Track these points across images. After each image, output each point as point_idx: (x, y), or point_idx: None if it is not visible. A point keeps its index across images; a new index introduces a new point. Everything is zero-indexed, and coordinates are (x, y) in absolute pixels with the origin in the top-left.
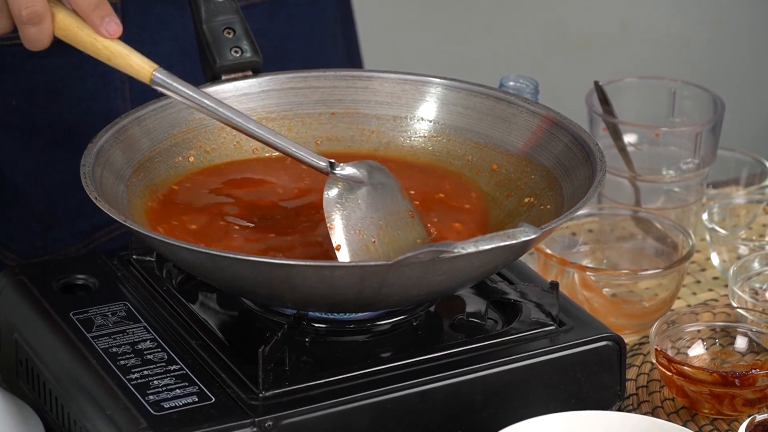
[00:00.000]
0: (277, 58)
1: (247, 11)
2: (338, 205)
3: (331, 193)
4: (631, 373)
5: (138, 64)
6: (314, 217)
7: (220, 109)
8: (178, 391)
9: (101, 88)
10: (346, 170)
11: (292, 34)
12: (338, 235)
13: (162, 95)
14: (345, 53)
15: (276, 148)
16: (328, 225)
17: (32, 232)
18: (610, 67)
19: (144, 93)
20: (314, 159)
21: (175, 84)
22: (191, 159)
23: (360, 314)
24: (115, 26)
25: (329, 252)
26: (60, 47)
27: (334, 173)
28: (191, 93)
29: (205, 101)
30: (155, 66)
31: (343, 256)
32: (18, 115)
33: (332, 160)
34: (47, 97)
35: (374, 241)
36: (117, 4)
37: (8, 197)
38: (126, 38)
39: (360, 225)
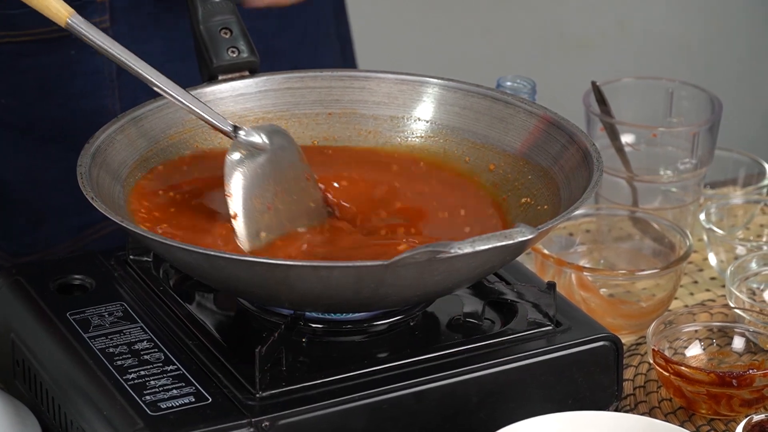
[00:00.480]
0: (270, 57)
1: (240, 9)
2: (238, 172)
3: (233, 157)
4: (628, 374)
5: (55, 8)
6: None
7: (131, 61)
8: (174, 391)
9: (91, 85)
10: (250, 136)
11: (285, 33)
12: (236, 204)
13: (157, 95)
14: (339, 52)
15: (184, 107)
16: (226, 193)
17: (21, 229)
18: (607, 68)
19: (133, 90)
20: (219, 122)
21: (89, 30)
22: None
23: (357, 314)
24: None
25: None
26: (49, 45)
27: (238, 138)
28: (103, 41)
29: (116, 51)
30: (72, 11)
31: (239, 224)
32: (7, 112)
33: (236, 124)
34: (37, 94)
35: (269, 208)
36: (105, 3)
37: None
38: (116, 36)
39: (257, 192)
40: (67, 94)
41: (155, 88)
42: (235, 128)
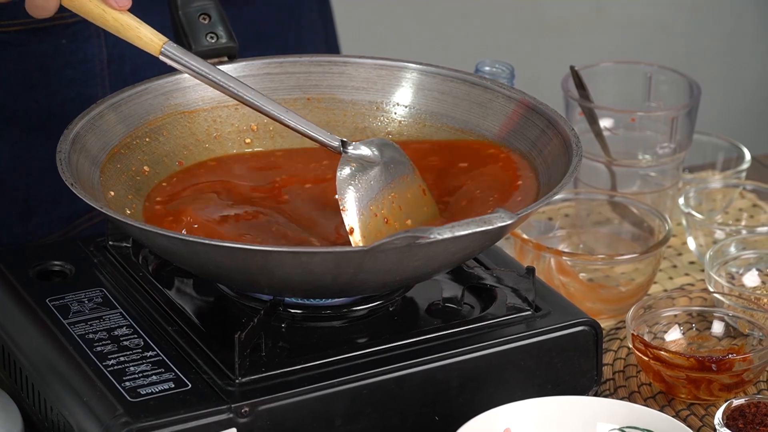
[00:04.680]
0: (253, 44)
1: None
2: (351, 186)
3: (344, 173)
4: (607, 358)
5: (148, 37)
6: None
7: (231, 85)
8: (154, 377)
9: (80, 75)
10: (359, 149)
11: (268, 20)
12: (351, 217)
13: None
14: (323, 39)
15: (288, 126)
16: (341, 207)
17: (12, 219)
18: (586, 52)
19: (124, 80)
20: (327, 138)
21: (185, 58)
22: (166, 147)
23: (336, 300)
24: None
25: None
26: (39, 34)
27: (347, 152)
28: (201, 67)
29: (216, 76)
30: (165, 39)
31: (356, 238)
32: None
33: (344, 139)
34: (26, 84)
35: (387, 222)
36: None
37: None
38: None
39: (374, 205)
40: (57, 83)
41: (262, 113)
42: (343, 143)
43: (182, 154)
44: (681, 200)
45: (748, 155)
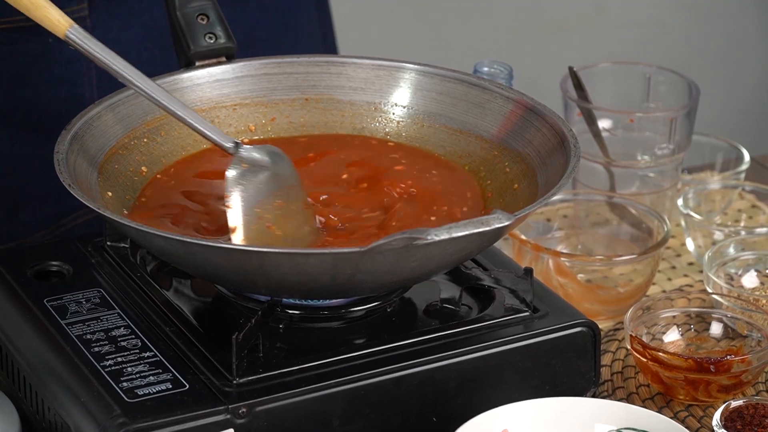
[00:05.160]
0: (250, 45)
1: None
2: (240, 186)
3: (234, 172)
4: (605, 359)
5: (56, 18)
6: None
7: (131, 75)
8: (151, 378)
9: (67, 74)
10: (251, 153)
11: (264, 20)
12: (235, 216)
13: None
14: (321, 39)
15: (184, 122)
16: (226, 204)
17: None
18: (585, 52)
19: (112, 79)
20: (220, 138)
21: (88, 43)
22: (164, 147)
23: (334, 301)
24: None
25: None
26: (27, 33)
27: (239, 154)
28: (104, 54)
29: (116, 63)
30: (72, 22)
31: (237, 238)
32: None
33: (238, 141)
34: (13, 83)
35: (270, 227)
36: None
37: None
38: (94, 26)
39: (259, 208)
40: (44, 82)
41: (156, 104)
42: (236, 145)
43: (180, 155)
44: (680, 201)
45: (747, 156)
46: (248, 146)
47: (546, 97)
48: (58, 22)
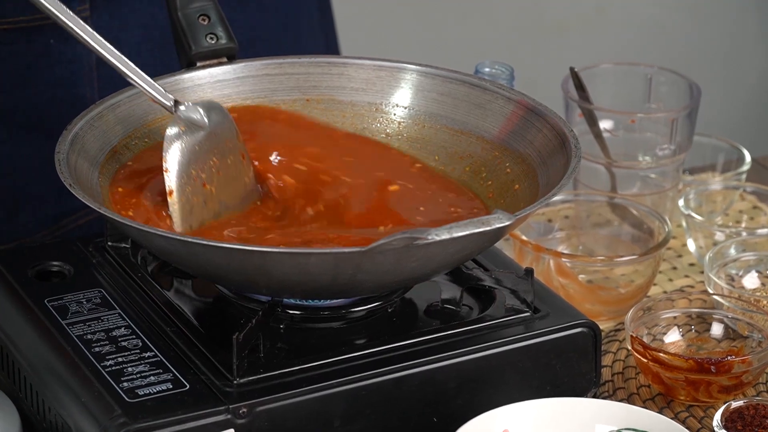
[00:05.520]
0: (251, 46)
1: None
2: (176, 147)
3: (172, 132)
4: (606, 360)
5: None
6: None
7: (64, 18)
8: (152, 378)
9: (69, 75)
10: (189, 112)
11: (266, 21)
12: (172, 180)
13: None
14: (323, 40)
15: (125, 76)
16: (164, 167)
17: None
18: (586, 53)
19: (112, 80)
20: (160, 95)
21: None
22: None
23: (334, 301)
24: None
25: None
26: (28, 33)
27: (177, 113)
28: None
29: (58, 13)
30: None
31: (173, 202)
32: None
33: (177, 99)
34: (14, 83)
35: (204, 185)
36: None
37: None
38: (95, 26)
39: (194, 169)
40: (45, 82)
41: (97, 53)
42: (176, 103)
43: None
44: (681, 202)
45: (748, 157)
46: (187, 104)
47: (546, 98)
48: None
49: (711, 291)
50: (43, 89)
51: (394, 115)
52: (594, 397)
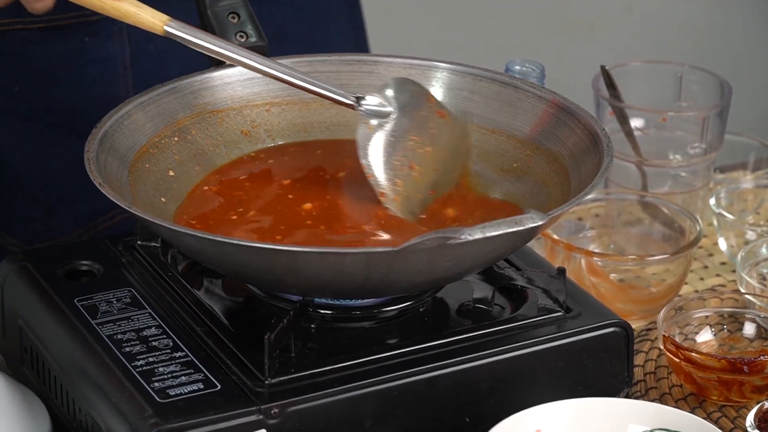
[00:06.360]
0: (280, 43)
1: None
2: (373, 149)
3: (362, 134)
4: (638, 360)
5: (149, 20)
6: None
7: (235, 54)
8: (183, 378)
9: (102, 74)
10: (373, 102)
11: (295, 19)
12: (380, 182)
13: (167, 80)
14: (351, 38)
15: (297, 86)
16: (366, 174)
17: (33, 217)
18: (615, 51)
19: (146, 79)
20: (341, 96)
21: (188, 32)
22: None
23: (366, 300)
24: None
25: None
26: (61, 32)
27: (361, 107)
28: (205, 40)
29: (221, 47)
30: (166, 19)
31: (388, 201)
32: (18, 100)
33: (359, 95)
34: (47, 82)
35: (413, 167)
36: None
37: (9, 183)
38: (128, 27)
39: (398, 157)
40: (79, 81)
41: (269, 76)
42: (357, 99)
43: (213, 153)
44: (712, 201)
45: None
46: (369, 96)
47: (578, 96)
48: (152, 22)
49: (743, 290)
50: (77, 87)
51: None
52: (626, 397)
